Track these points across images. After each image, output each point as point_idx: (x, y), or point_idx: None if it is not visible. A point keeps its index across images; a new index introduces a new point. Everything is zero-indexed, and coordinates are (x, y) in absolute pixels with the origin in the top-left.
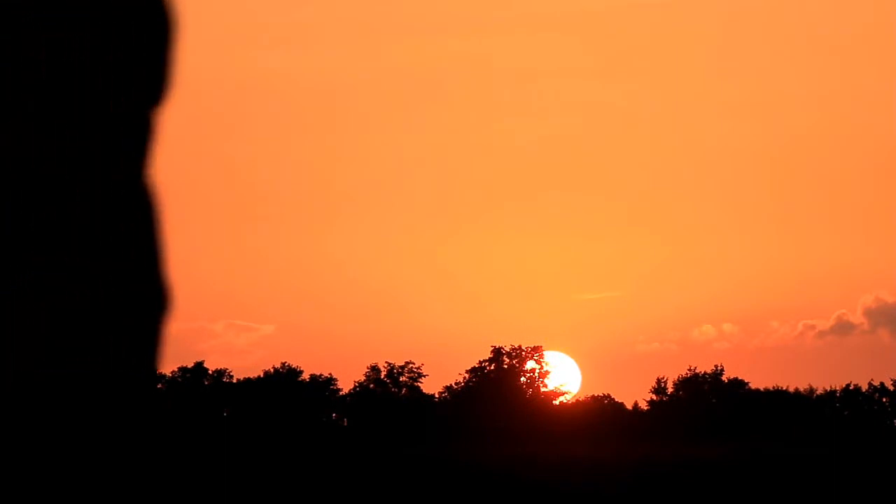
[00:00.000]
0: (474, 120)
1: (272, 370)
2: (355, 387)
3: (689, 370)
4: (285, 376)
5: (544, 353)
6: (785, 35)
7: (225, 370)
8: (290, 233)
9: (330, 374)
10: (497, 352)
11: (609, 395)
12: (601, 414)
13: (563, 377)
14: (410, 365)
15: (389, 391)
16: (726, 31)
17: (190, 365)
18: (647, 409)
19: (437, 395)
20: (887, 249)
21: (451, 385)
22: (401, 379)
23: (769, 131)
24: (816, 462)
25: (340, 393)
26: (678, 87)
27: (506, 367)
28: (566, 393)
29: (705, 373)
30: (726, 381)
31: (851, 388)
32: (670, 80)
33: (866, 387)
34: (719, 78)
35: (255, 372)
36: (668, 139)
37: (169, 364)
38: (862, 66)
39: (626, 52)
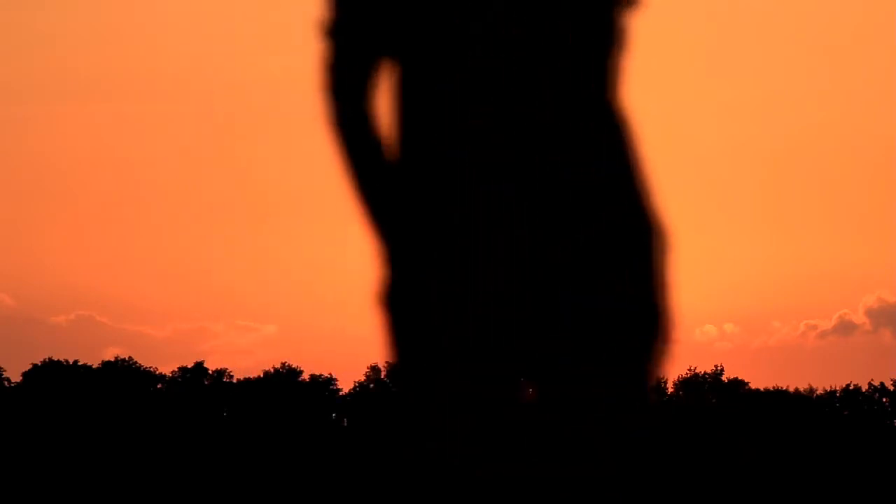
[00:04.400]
0: None
1: (272, 370)
2: (355, 387)
3: (689, 370)
4: (285, 376)
5: None
6: (784, 35)
7: (225, 370)
8: (293, 233)
9: (330, 374)
10: None
11: None
12: None
13: None
14: None
15: (390, 391)
16: (726, 31)
17: (190, 365)
18: None
19: None
20: (889, 249)
21: None
22: None
23: (769, 131)
24: (816, 462)
25: (341, 393)
26: (678, 86)
27: None
28: None
29: (705, 373)
30: (726, 381)
31: (851, 388)
32: (670, 79)
33: (866, 387)
34: (720, 78)
35: (256, 372)
36: (667, 139)
37: (169, 364)
38: (862, 66)
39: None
